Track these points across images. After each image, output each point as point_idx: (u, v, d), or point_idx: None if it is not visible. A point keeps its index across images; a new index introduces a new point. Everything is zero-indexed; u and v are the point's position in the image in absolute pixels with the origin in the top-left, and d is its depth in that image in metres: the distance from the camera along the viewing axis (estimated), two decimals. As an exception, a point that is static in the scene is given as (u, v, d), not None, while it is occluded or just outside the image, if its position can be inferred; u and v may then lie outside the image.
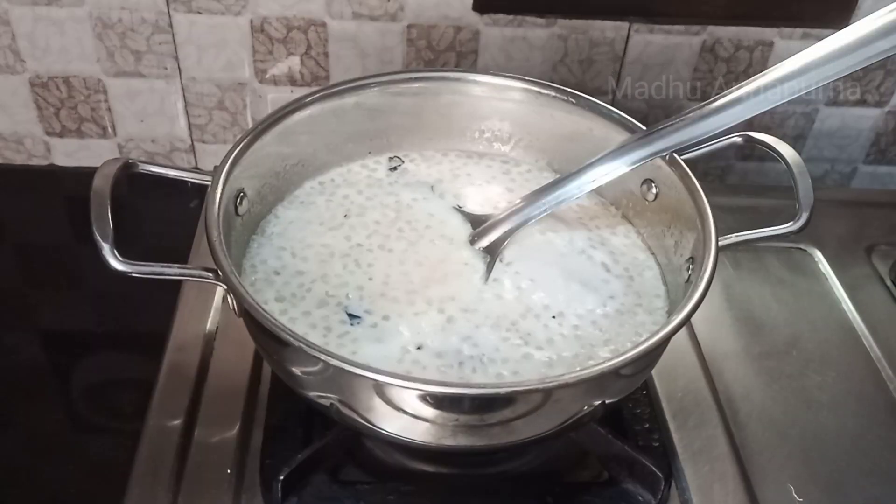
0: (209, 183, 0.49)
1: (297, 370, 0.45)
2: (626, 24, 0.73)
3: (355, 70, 0.74)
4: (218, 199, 0.48)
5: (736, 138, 0.54)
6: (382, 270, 0.53)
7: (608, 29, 0.74)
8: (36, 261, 0.74)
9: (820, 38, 0.44)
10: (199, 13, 0.71)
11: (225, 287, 0.45)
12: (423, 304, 0.51)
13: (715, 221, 0.49)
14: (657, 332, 0.43)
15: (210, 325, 0.61)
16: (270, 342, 0.46)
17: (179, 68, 0.74)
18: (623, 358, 0.42)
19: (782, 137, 0.53)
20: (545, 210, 0.54)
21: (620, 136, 0.56)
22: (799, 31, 0.74)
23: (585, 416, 0.47)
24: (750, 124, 0.51)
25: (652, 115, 0.79)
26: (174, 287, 0.64)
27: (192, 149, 0.80)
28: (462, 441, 0.45)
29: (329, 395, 0.45)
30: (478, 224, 0.56)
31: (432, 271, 0.53)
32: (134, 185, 0.53)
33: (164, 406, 0.55)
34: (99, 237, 0.43)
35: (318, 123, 0.58)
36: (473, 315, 0.50)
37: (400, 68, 0.74)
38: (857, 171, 0.86)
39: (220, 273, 0.44)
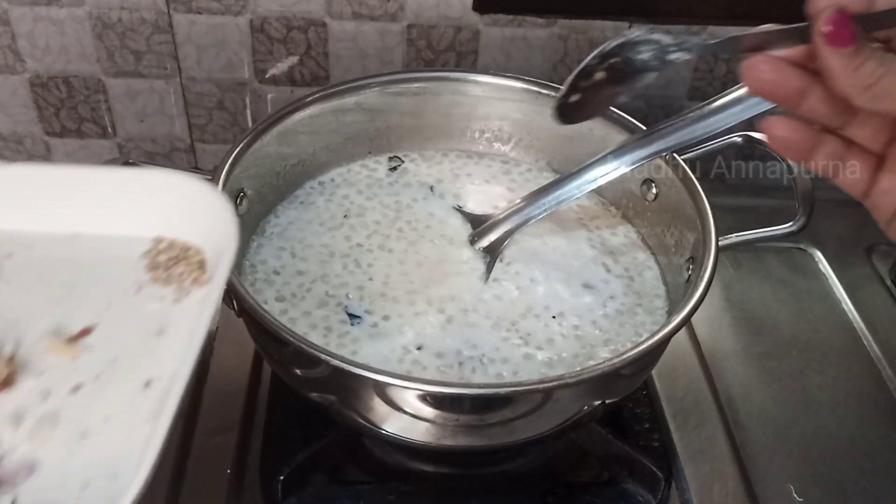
0: (209, 183, 0.49)
1: (297, 370, 0.45)
2: (626, 25, 0.73)
3: (355, 70, 0.74)
4: (218, 199, 0.48)
5: (736, 138, 0.54)
6: (382, 270, 0.53)
7: (608, 29, 0.74)
8: (36, 261, 0.74)
9: (820, 38, 0.44)
10: (199, 13, 0.71)
11: (225, 287, 0.44)
12: (424, 304, 0.51)
13: (715, 221, 0.49)
14: (657, 332, 0.43)
15: (210, 325, 0.61)
16: (270, 342, 0.46)
17: (179, 68, 0.74)
18: (623, 358, 0.42)
19: (782, 137, 0.52)
20: (545, 210, 0.54)
21: (620, 136, 0.56)
22: (799, 31, 0.74)
23: (585, 416, 0.47)
24: (750, 124, 0.51)
25: (652, 115, 0.79)
26: (174, 287, 0.64)
27: (192, 149, 0.80)
28: (462, 441, 0.45)
29: (329, 395, 0.45)
30: (478, 224, 0.56)
31: (432, 271, 0.53)
32: (134, 185, 0.53)
33: (164, 406, 0.55)
34: (99, 237, 0.43)
35: (319, 123, 0.58)
36: (473, 315, 0.50)
37: (400, 68, 0.74)
38: (857, 171, 0.86)
39: (220, 273, 0.44)
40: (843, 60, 0.31)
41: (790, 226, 0.50)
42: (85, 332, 0.33)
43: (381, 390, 0.43)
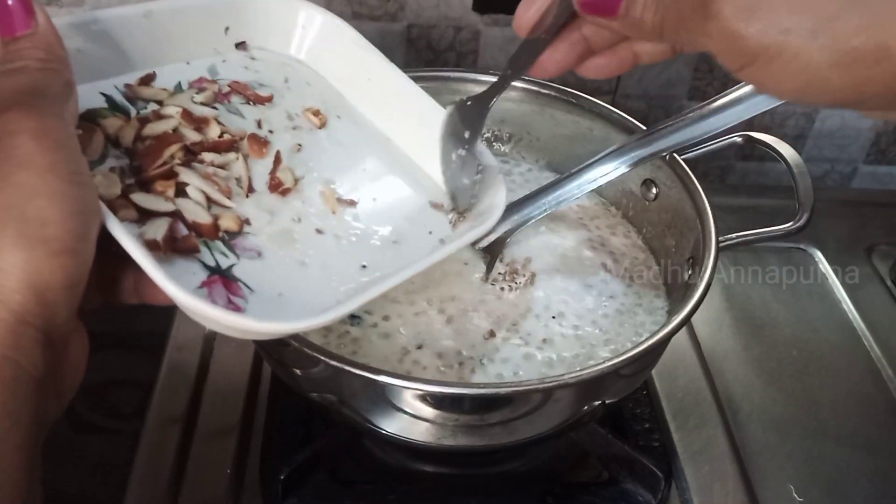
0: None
1: (297, 370, 0.45)
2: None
3: (355, 70, 0.74)
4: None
5: (736, 138, 0.54)
6: (382, 270, 0.53)
7: (608, 29, 0.74)
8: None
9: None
10: (199, 13, 0.71)
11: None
12: (424, 303, 0.50)
13: (715, 221, 0.49)
14: (657, 332, 0.43)
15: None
16: (270, 342, 0.46)
17: (179, 68, 0.74)
18: (623, 358, 0.42)
19: (782, 137, 0.53)
20: (545, 210, 0.54)
21: (620, 136, 0.56)
22: (799, 31, 0.74)
23: (585, 415, 0.47)
24: (750, 124, 0.51)
25: (652, 115, 0.79)
26: (174, 287, 0.64)
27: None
28: (462, 441, 0.45)
29: (329, 395, 0.45)
30: (478, 224, 0.56)
31: (432, 271, 0.53)
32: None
33: (164, 406, 0.55)
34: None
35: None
36: (473, 315, 0.50)
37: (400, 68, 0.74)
38: (857, 171, 0.86)
39: (220, 273, 0.44)
40: (620, 23, 0.33)
41: (790, 225, 0.50)
42: (350, 202, 0.40)
43: (380, 390, 0.43)
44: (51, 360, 0.28)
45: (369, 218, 0.40)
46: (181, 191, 0.35)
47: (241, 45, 0.44)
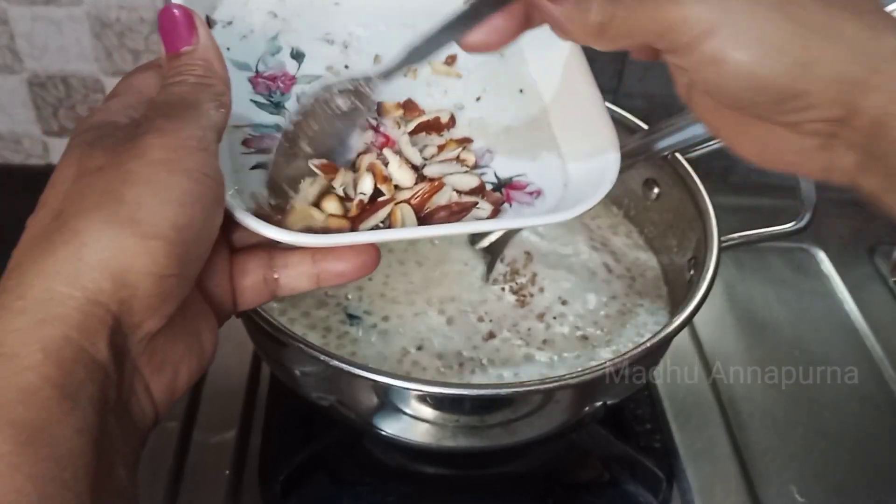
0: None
1: (296, 371, 0.45)
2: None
3: (355, 69, 0.74)
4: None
5: (738, 137, 0.53)
6: (382, 270, 0.53)
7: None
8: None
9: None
10: (199, 12, 0.70)
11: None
12: (423, 304, 0.50)
13: (717, 221, 0.49)
14: (659, 332, 0.43)
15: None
16: (269, 343, 0.45)
17: (179, 67, 0.74)
18: (624, 359, 0.41)
19: (785, 136, 0.52)
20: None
21: (622, 135, 0.55)
22: (801, 29, 0.73)
23: (587, 416, 0.46)
24: (752, 123, 0.51)
25: (654, 115, 0.78)
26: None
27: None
28: (462, 442, 0.45)
29: (328, 395, 0.45)
30: (478, 224, 0.56)
31: (432, 271, 0.53)
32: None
33: (163, 406, 0.55)
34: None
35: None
36: (474, 316, 0.50)
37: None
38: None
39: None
40: (565, 13, 0.30)
41: (792, 225, 0.50)
42: (453, 59, 0.39)
43: (380, 391, 0.42)
44: (119, 347, 0.27)
45: (470, 56, 0.39)
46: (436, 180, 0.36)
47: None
